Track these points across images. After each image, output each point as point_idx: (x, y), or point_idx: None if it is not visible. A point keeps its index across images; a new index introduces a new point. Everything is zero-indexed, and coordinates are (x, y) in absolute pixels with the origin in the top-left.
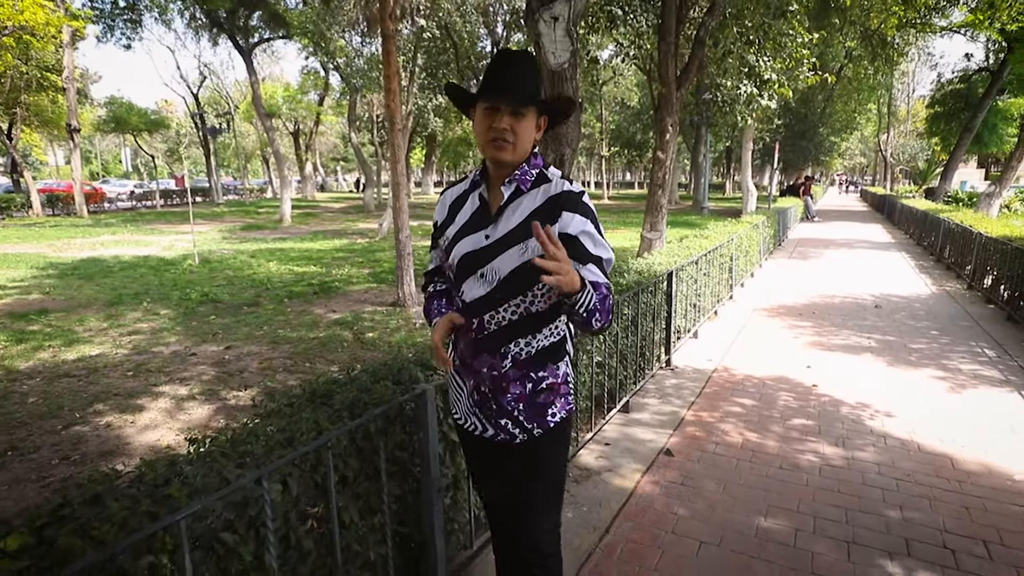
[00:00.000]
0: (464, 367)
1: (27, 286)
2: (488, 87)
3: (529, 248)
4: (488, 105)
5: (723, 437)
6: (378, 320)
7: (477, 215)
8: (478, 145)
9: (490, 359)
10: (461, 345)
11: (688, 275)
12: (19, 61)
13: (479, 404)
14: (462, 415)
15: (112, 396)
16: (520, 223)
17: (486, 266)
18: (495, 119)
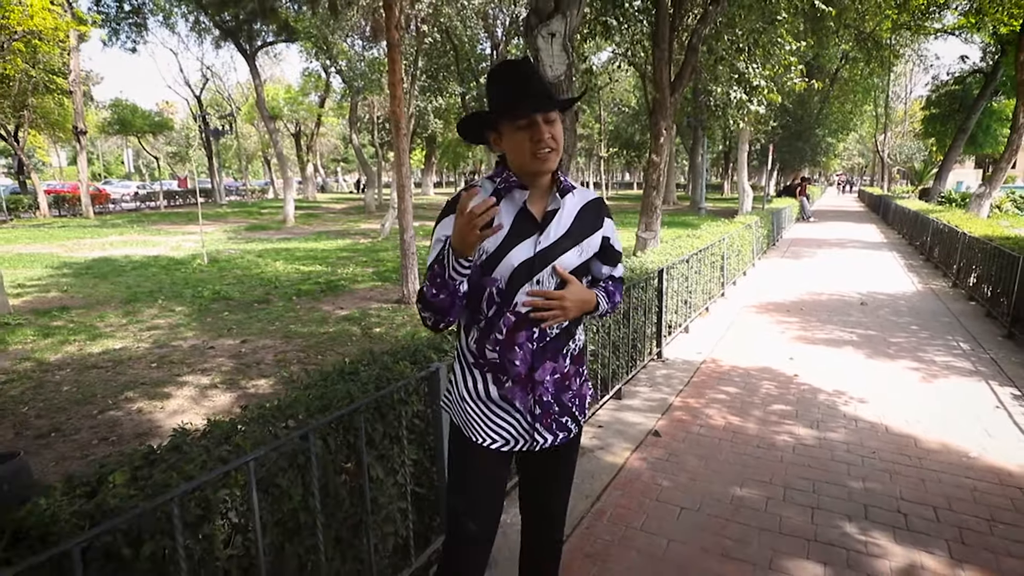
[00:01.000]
0: (518, 389)
1: (45, 284)
2: (519, 101)
3: (583, 248)
4: (521, 123)
5: (707, 420)
6: (384, 316)
7: (521, 224)
8: (515, 163)
9: (552, 364)
10: (512, 367)
11: (679, 273)
12: (27, 65)
13: (542, 416)
14: (511, 439)
15: (140, 385)
16: (571, 226)
17: (542, 272)
18: (534, 132)
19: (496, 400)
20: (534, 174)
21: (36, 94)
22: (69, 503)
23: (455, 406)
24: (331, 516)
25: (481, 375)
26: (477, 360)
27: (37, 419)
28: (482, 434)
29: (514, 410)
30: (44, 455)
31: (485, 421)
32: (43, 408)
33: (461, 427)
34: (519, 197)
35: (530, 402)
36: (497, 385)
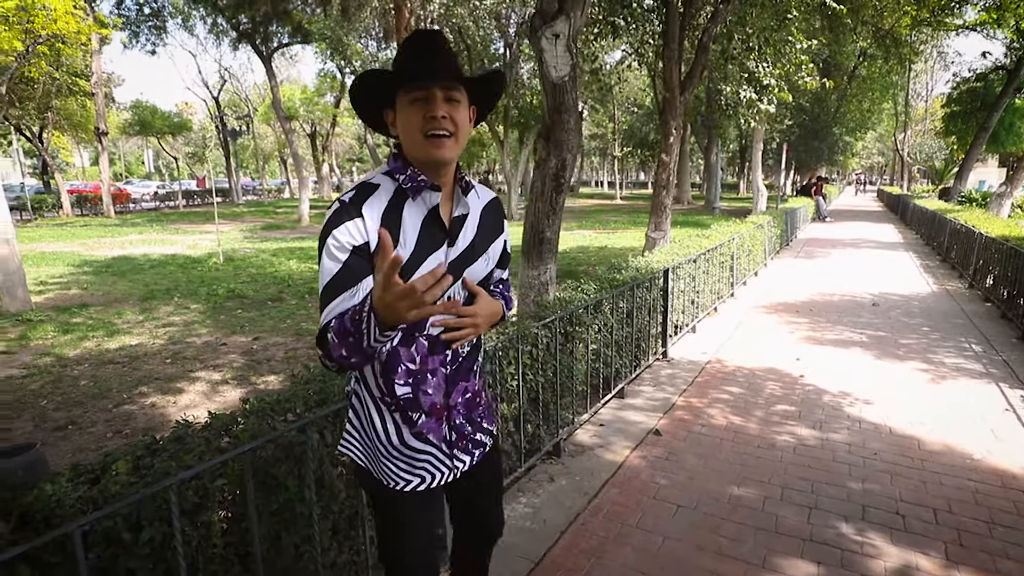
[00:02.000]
0: (432, 421)
1: (66, 282)
2: (419, 70)
3: (490, 256)
4: (417, 94)
5: (709, 420)
6: None
7: (430, 231)
8: (404, 146)
9: (464, 383)
10: (427, 398)
11: (686, 273)
12: (51, 68)
13: (457, 441)
14: (429, 477)
15: (154, 380)
16: (477, 233)
17: (452, 288)
18: (429, 108)
19: (408, 441)
20: (428, 163)
21: (59, 96)
22: (74, 489)
23: (361, 447)
24: (327, 508)
25: (389, 414)
26: (384, 397)
27: (55, 412)
28: (397, 478)
29: (429, 445)
30: (61, 447)
31: (400, 464)
32: (61, 402)
33: (371, 470)
34: (430, 199)
35: (444, 431)
36: (408, 424)
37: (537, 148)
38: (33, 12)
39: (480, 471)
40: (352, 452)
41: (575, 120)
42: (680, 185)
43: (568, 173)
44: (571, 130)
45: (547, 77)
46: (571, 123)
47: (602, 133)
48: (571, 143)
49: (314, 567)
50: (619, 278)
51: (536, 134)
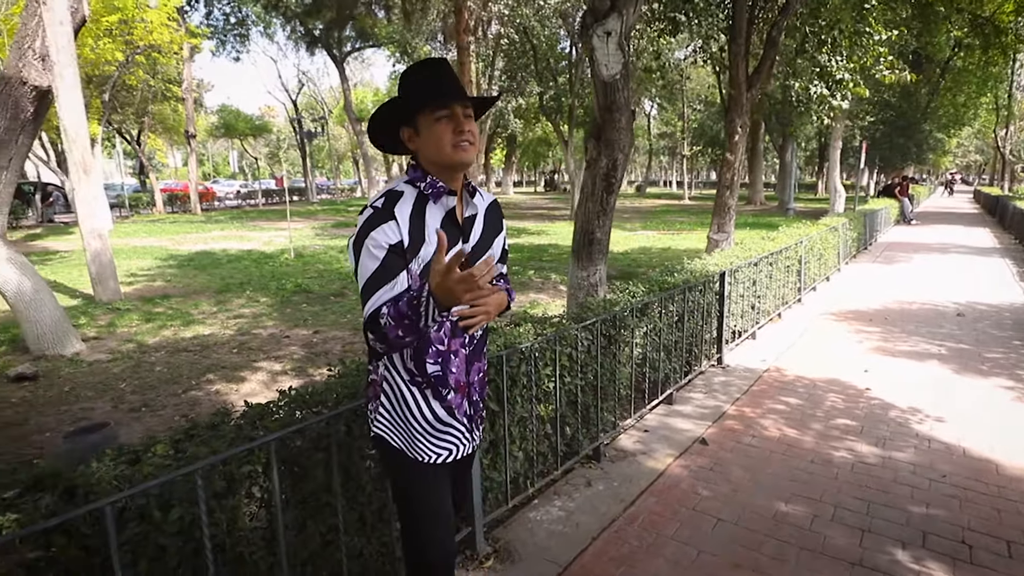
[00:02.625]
0: (457, 396)
1: (153, 274)
2: (442, 93)
3: (494, 252)
4: (442, 112)
5: (761, 431)
6: None
7: (448, 230)
8: (433, 157)
9: (478, 364)
10: (452, 375)
11: (746, 276)
12: (147, 75)
13: (475, 416)
14: (455, 449)
15: (220, 368)
16: (483, 232)
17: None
18: (458, 123)
19: (440, 415)
20: (452, 168)
21: (155, 102)
22: (115, 467)
23: (396, 428)
24: (353, 499)
25: (420, 392)
26: (415, 378)
27: (132, 395)
28: (431, 451)
29: (455, 419)
30: (134, 427)
31: (433, 437)
32: (138, 385)
33: (405, 450)
34: (448, 202)
35: (466, 406)
36: (438, 399)
37: (588, 148)
38: (132, 25)
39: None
40: (385, 433)
41: (627, 119)
42: (752, 185)
43: (619, 173)
44: (623, 129)
45: (598, 75)
46: (622, 122)
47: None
48: (622, 142)
49: (339, 556)
50: (670, 281)
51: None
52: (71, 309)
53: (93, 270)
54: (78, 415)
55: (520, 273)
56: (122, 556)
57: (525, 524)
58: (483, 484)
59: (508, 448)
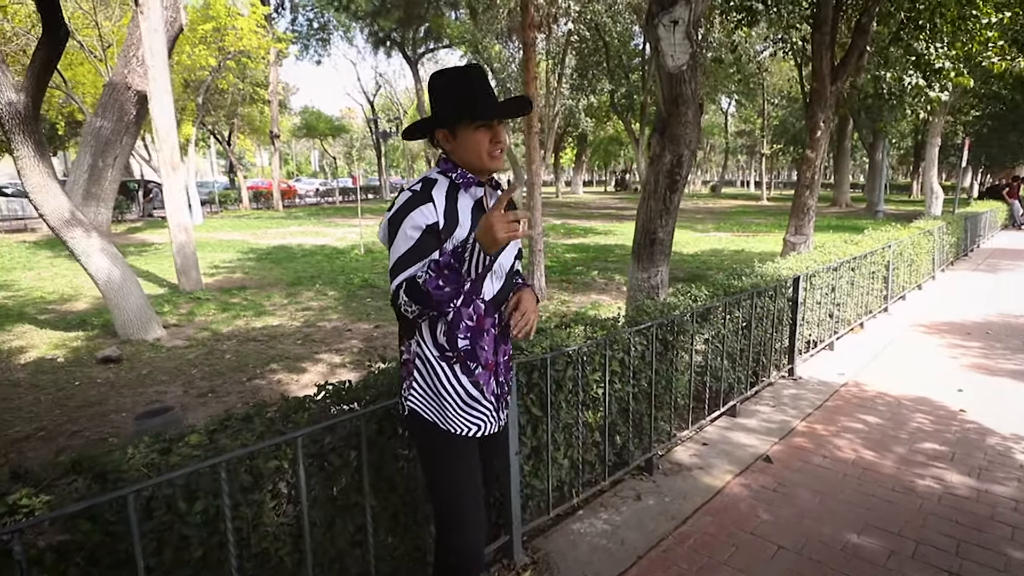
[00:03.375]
0: (488, 374)
1: (233, 267)
2: (490, 104)
3: (516, 243)
4: (482, 124)
5: (833, 451)
6: None
7: (477, 217)
8: (467, 161)
9: (504, 345)
10: (482, 352)
11: (823, 282)
12: (237, 80)
13: (501, 396)
14: (484, 424)
15: (284, 359)
16: None
17: (495, 263)
18: (495, 133)
19: (469, 389)
20: (484, 172)
21: (244, 104)
22: (146, 455)
23: (429, 401)
24: (385, 499)
25: (449, 367)
26: (444, 353)
27: (201, 380)
28: (462, 424)
29: (483, 396)
30: (199, 412)
31: (463, 411)
32: (208, 372)
33: (437, 422)
34: (476, 192)
35: (494, 385)
36: (467, 374)
37: (651, 143)
38: (224, 32)
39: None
40: (419, 406)
41: (693, 113)
42: (837, 185)
43: (684, 170)
44: (689, 123)
45: (663, 67)
46: (689, 116)
47: (749, 130)
48: (688, 137)
49: (367, 556)
50: (737, 285)
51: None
52: (157, 297)
53: (178, 261)
54: (152, 397)
55: (584, 273)
56: (146, 544)
57: (567, 536)
58: (524, 491)
59: (551, 455)
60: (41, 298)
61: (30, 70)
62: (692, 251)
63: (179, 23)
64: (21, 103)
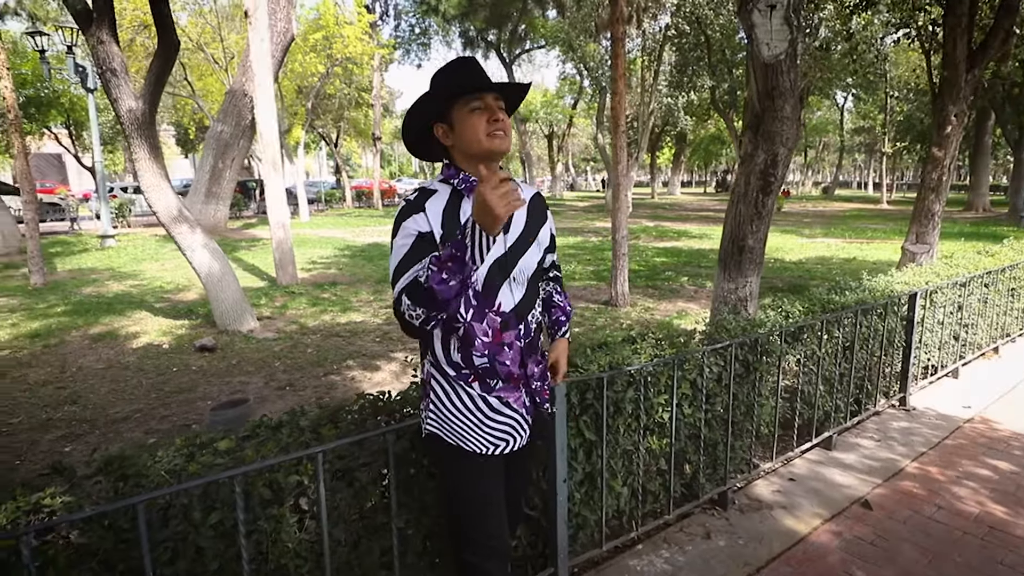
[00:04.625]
0: (511, 387)
1: (328, 263)
2: (478, 84)
3: (540, 242)
4: (476, 104)
5: (952, 502)
6: (587, 316)
7: None
8: (468, 149)
9: (536, 357)
10: (503, 368)
11: (948, 299)
12: (344, 85)
13: (534, 409)
14: (510, 441)
15: (361, 356)
16: (527, 221)
17: (515, 269)
18: (492, 112)
19: (492, 404)
20: (488, 158)
21: (350, 108)
22: (172, 460)
23: (446, 424)
24: (417, 521)
25: (467, 385)
26: (460, 371)
27: (282, 373)
28: (484, 443)
29: (510, 409)
30: (275, 404)
31: (485, 430)
32: (289, 365)
33: (460, 444)
34: None
35: (524, 399)
36: (487, 391)
37: (743, 140)
38: (333, 40)
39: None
40: (437, 429)
41: (792, 107)
42: (974, 188)
43: (779, 171)
44: (786, 119)
45: (758, 56)
46: (786, 110)
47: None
48: (785, 134)
49: None
50: (838, 300)
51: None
52: (256, 290)
53: (276, 257)
54: (235, 387)
55: (673, 279)
56: (160, 554)
57: (621, 572)
58: (574, 521)
59: (607, 483)
60: (160, 287)
61: (147, 79)
62: (795, 258)
63: (291, 33)
64: (139, 109)
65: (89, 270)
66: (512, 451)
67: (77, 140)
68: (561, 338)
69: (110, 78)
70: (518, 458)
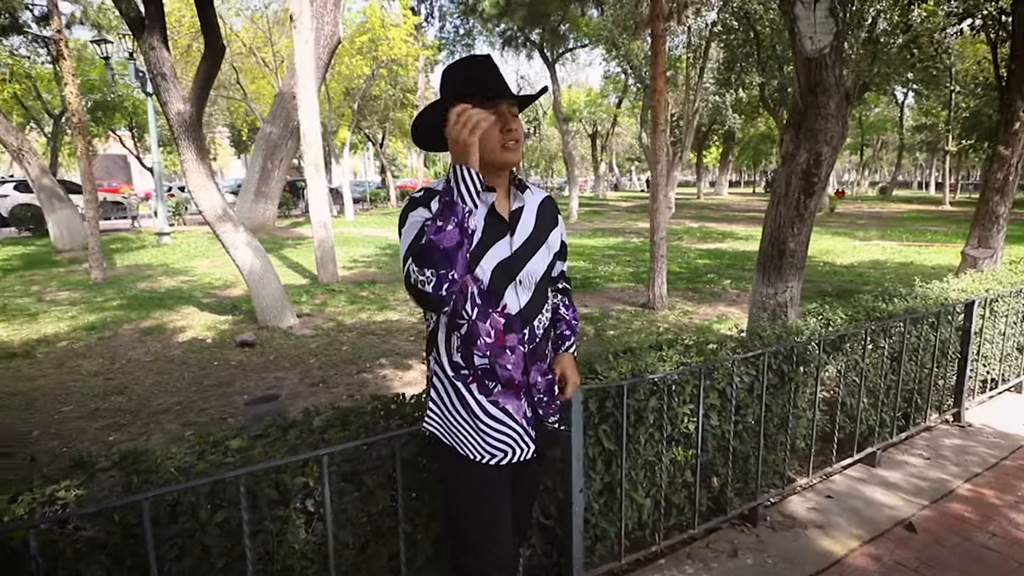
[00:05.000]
0: (510, 394)
1: (369, 261)
2: (495, 91)
3: (549, 247)
4: (493, 111)
5: (1008, 529)
6: (623, 319)
7: (491, 224)
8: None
9: (542, 364)
10: (503, 371)
11: (1011, 308)
12: (389, 86)
13: (536, 419)
14: (510, 452)
15: (394, 354)
16: (536, 225)
17: (521, 272)
18: (505, 122)
19: (488, 410)
20: (499, 167)
21: (395, 109)
22: (183, 457)
23: (444, 424)
24: (425, 526)
25: (465, 386)
26: (460, 371)
27: (317, 370)
28: (479, 450)
29: (508, 417)
30: (308, 400)
31: (481, 436)
32: (324, 362)
33: (456, 446)
34: (487, 199)
35: (524, 407)
36: (484, 393)
37: (784, 139)
38: (378, 42)
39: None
40: (436, 428)
41: (836, 104)
42: None
43: (823, 171)
44: (830, 116)
45: (801, 51)
46: (831, 107)
47: (931, 123)
48: (830, 133)
49: None
50: (884, 308)
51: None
52: (298, 288)
53: (318, 255)
54: (271, 383)
55: (714, 282)
56: (167, 551)
57: None
58: (592, 531)
59: (627, 494)
60: (208, 283)
61: (195, 83)
62: (847, 261)
63: (337, 36)
64: (187, 112)
65: (145, 266)
66: (512, 463)
67: (139, 142)
68: (565, 352)
69: (160, 82)
70: (526, 468)
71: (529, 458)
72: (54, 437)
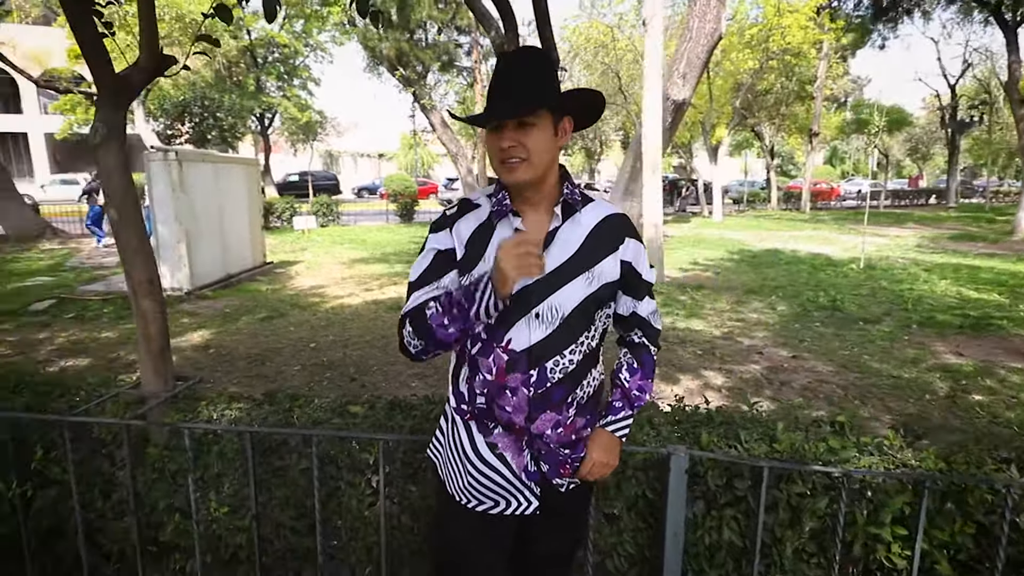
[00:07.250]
0: (509, 439)
1: (708, 265)
2: (488, 100)
3: (593, 275)
4: (493, 124)
5: None
6: (1012, 383)
7: None
8: (493, 167)
9: (555, 415)
10: (503, 414)
11: None
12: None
13: (536, 474)
14: (502, 503)
15: (672, 366)
16: (579, 249)
17: (542, 304)
18: (501, 136)
19: (482, 454)
20: (511, 186)
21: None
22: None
23: (441, 456)
24: None
25: (464, 422)
26: (459, 406)
27: None
28: (462, 492)
29: (504, 466)
30: None
31: (468, 478)
32: None
33: (446, 481)
34: (513, 223)
35: (526, 460)
36: (483, 433)
37: None
38: (770, 32)
39: (557, 526)
40: (434, 457)
41: None
42: None
43: None
44: None
45: None
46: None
47: None
48: None
49: None
50: None
51: None
52: None
53: None
54: None
55: None
56: (269, 477)
57: None
58: None
59: None
60: None
61: None
62: None
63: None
64: None
65: None
66: (516, 514)
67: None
68: (602, 428)
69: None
70: (547, 521)
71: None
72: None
